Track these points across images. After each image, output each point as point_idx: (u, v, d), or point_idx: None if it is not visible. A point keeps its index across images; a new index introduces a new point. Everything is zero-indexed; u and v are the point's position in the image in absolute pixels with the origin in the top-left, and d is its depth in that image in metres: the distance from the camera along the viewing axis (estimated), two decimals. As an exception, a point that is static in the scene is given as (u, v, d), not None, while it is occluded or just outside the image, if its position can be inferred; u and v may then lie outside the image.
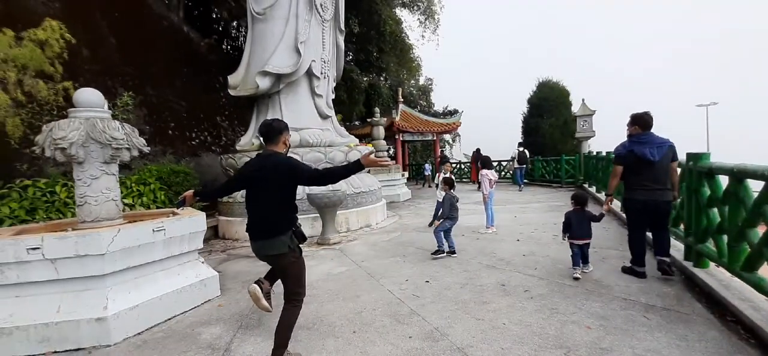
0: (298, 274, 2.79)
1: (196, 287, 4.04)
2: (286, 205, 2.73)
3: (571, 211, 4.44)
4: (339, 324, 3.34)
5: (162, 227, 3.78)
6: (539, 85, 19.54)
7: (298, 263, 2.79)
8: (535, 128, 19.05)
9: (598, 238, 5.84)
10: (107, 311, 3.25)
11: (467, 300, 3.72)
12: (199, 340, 3.22)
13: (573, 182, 14.07)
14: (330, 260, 5.55)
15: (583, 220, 4.33)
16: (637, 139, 3.98)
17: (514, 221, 7.83)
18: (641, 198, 3.94)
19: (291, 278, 2.75)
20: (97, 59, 8.86)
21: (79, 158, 3.80)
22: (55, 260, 3.24)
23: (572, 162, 14.42)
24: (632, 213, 4.15)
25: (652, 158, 3.84)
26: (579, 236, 4.28)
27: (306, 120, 8.41)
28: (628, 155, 3.97)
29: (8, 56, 4.72)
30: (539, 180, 16.22)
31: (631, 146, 3.98)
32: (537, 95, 19.43)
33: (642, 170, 3.90)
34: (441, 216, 5.46)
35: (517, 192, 13.41)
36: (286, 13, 8.08)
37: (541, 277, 4.26)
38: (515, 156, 14.73)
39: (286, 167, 2.66)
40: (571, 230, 4.31)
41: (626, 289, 3.74)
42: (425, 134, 22.56)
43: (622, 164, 4.06)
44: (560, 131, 18.27)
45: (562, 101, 18.63)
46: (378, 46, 17.91)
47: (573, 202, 4.47)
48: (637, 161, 3.90)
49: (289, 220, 2.73)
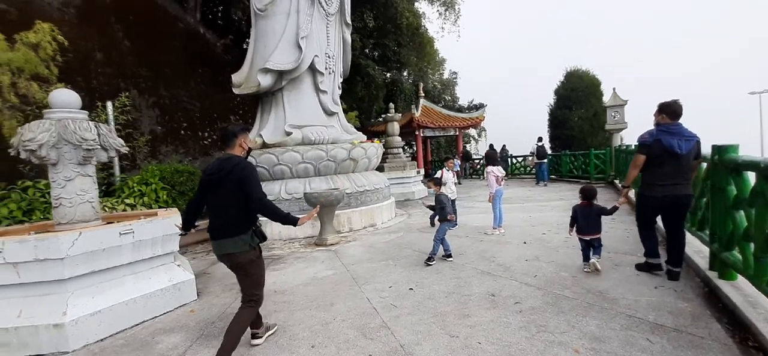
0: (257, 275, 2.82)
1: (168, 291, 3.92)
2: (244, 205, 2.70)
3: (578, 205, 4.28)
4: (301, 336, 3.09)
5: (130, 229, 3.67)
6: (567, 74, 18.40)
7: (258, 263, 2.82)
8: (562, 121, 17.98)
9: (616, 240, 5.28)
10: (66, 317, 3.16)
11: (448, 311, 3.36)
12: (154, 350, 3.07)
13: (603, 178, 13.15)
14: (320, 262, 5.32)
15: (591, 215, 4.13)
16: (665, 128, 3.63)
17: (527, 221, 7.30)
18: (659, 194, 3.62)
19: (250, 278, 2.78)
20: (111, 62, 9.10)
21: (52, 160, 3.75)
22: (16, 264, 3.18)
23: (602, 156, 13.47)
24: (648, 210, 3.85)
25: (680, 151, 3.49)
26: (586, 232, 4.14)
27: (309, 117, 8.22)
28: (655, 145, 3.60)
29: (2, 60, 4.79)
30: (567, 176, 15.31)
31: (658, 135, 3.60)
32: (565, 86, 18.30)
33: (666, 162, 3.56)
34: (439, 217, 5.08)
35: (538, 189, 12.69)
36: (287, 9, 7.92)
37: (538, 287, 3.81)
38: (534, 151, 13.95)
39: (239, 171, 2.67)
40: (578, 225, 4.18)
41: (634, 304, 3.24)
42: (447, 130, 21.95)
43: (646, 154, 3.68)
44: (590, 124, 17.14)
45: (592, 91, 17.44)
46: (396, 40, 17.50)
47: (581, 196, 4.27)
48: (663, 152, 3.55)
49: (249, 219, 2.75)
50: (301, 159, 7.41)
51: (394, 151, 13.48)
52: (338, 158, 7.73)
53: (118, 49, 9.42)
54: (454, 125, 21.64)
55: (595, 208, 4.21)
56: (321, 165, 7.58)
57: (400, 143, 13.74)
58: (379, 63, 19.62)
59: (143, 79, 9.75)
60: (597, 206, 4.23)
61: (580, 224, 4.19)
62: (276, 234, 7.14)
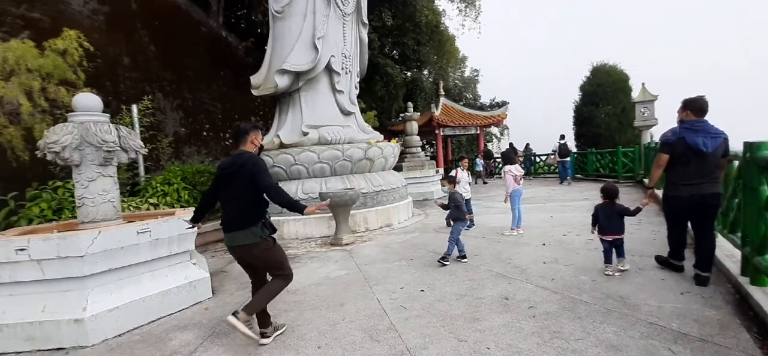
0: (277, 257, 2.98)
1: (184, 289, 4.01)
2: (254, 199, 2.86)
3: (599, 204, 4.17)
4: (308, 337, 3.09)
5: (147, 228, 3.77)
6: (593, 70, 17.71)
7: (275, 249, 2.99)
8: (588, 118, 17.33)
9: (641, 242, 5.05)
10: (86, 312, 3.28)
11: (458, 315, 3.27)
12: (167, 346, 3.14)
13: (632, 176, 12.62)
14: (334, 262, 5.32)
15: (612, 214, 4.02)
16: (689, 125, 3.49)
17: (548, 221, 7.07)
18: (685, 195, 3.45)
19: (271, 263, 2.96)
20: (137, 67, 9.45)
21: (75, 161, 3.91)
22: (40, 261, 3.33)
23: (630, 154, 12.92)
24: (674, 211, 3.71)
25: (705, 149, 3.33)
26: (608, 232, 4.02)
27: (326, 117, 8.26)
28: (678, 143, 3.48)
29: (33, 66, 5.04)
30: (593, 175, 14.78)
31: (682, 133, 3.47)
32: (590, 82, 17.63)
33: (691, 161, 3.42)
34: (453, 216, 4.99)
35: (562, 188, 12.31)
36: (303, 10, 7.98)
37: (554, 290, 3.66)
38: (556, 149, 13.53)
39: (250, 166, 2.82)
40: (599, 224, 4.09)
41: (657, 310, 3.06)
42: (468, 128, 21.64)
43: (669, 153, 3.55)
44: (618, 120, 16.45)
45: (619, 87, 16.71)
46: (414, 39, 17.39)
47: (602, 195, 4.16)
48: (687, 151, 3.41)
49: (259, 211, 2.89)
50: (317, 159, 7.45)
51: (413, 150, 13.38)
52: (354, 157, 7.73)
53: (144, 54, 9.78)
54: (475, 123, 21.30)
55: (617, 207, 4.08)
56: (337, 165, 7.60)
57: (419, 142, 13.63)
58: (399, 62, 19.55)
59: (168, 82, 10.08)
60: (619, 206, 4.10)
61: (601, 224, 4.07)
62: (292, 233, 7.22)
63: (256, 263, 3.01)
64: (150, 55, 9.92)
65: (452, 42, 21.75)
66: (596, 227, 4.16)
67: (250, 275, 3.19)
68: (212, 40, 12.47)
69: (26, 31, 7.16)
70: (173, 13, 11.22)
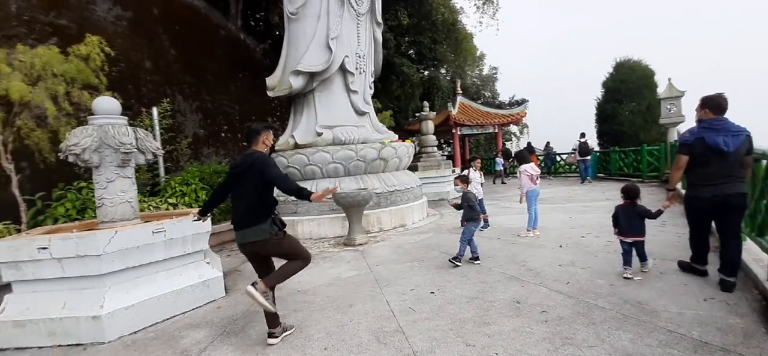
0: (291, 245, 3.05)
1: (197, 288, 4.09)
2: (264, 196, 2.94)
3: (620, 205, 4.06)
4: (315, 338, 3.09)
5: (162, 228, 3.87)
6: (616, 65, 17.09)
7: (287, 239, 3.04)
8: (611, 115, 16.74)
9: (664, 245, 4.84)
10: (103, 309, 3.39)
11: (467, 318, 3.21)
12: (179, 344, 3.21)
13: (657, 176, 12.15)
14: (346, 263, 5.32)
15: (633, 216, 3.90)
16: (708, 125, 3.35)
17: (567, 222, 6.88)
18: (708, 195, 3.32)
19: (286, 252, 3.02)
20: (158, 70, 9.73)
21: (94, 163, 4.04)
22: (61, 260, 3.46)
23: (656, 153, 12.44)
24: (695, 213, 3.58)
25: (726, 148, 3.19)
26: (628, 233, 3.90)
27: (340, 117, 8.28)
28: (697, 144, 3.35)
29: (58, 71, 5.25)
30: (616, 174, 14.30)
31: (700, 133, 3.35)
32: (613, 78, 17.03)
33: (712, 161, 3.30)
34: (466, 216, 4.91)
35: (583, 188, 11.96)
36: (317, 11, 8.03)
37: (569, 294, 3.55)
38: (576, 148, 13.15)
39: (260, 163, 2.90)
40: (619, 226, 3.98)
41: (677, 317, 2.91)
42: (486, 127, 21.35)
43: (688, 154, 3.43)
44: (643, 118, 15.83)
45: (644, 83, 16.07)
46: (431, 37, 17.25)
47: (622, 195, 4.04)
48: (707, 151, 3.29)
49: (268, 208, 2.96)
50: (331, 159, 7.48)
51: (429, 150, 13.27)
52: (368, 157, 7.72)
53: (165, 57, 10.06)
54: (494, 122, 20.97)
55: (638, 208, 3.95)
56: (351, 165, 7.62)
57: (435, 141, 13.50)
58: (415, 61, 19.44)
59: (188, 85, 10.34)
60: (640, 207, 3.96)
61: (621, 225, 3.96)
62: (306, 233, 7.27)
63: (270, 255, 3.09)
64: (171, 58, 10.20)
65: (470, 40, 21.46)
66: (616, 229, 4.07)
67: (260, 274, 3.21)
68: (231, 42, 12.71)
69: (54, 38, 7.46)
70: (193, 18, 11.50)
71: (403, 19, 14.95)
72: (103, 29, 8.69)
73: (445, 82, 24.25)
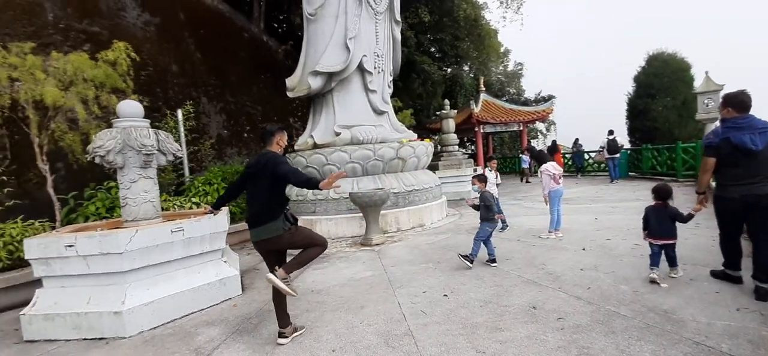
0: (304, 235, 3.13)
1: (214, 286, 4.18)
2: (276, 195, 3.02)
3: (650, 206, 3.90)
4: (324, 339, 3.09)
5: (180, 227, 3.98)
6: (649, 59, 16.24)
7: (300, 232, 3.12)
8: (643, 111, 15.95)
9: (696, 249, 4.57)
10: (124, 305, 3.52)
11: (480, 323, 3.13)
12: (194, 341, 3.28)
13: (693, 175, 11.49)
14: (361, 263, 5.32)
15: (664, 217, 3.74)
16: (732, 123, 3.24)
17: (592, 224, 6.61)
18: (736, 195, 3.22)
19: (300, 244, 3.09)
20: (184, 73, 10.05)
21: (118, 164, 4.20)
22: (86, 257, 3.62)
23: (692, 150, 11.76)
24: (725, 215, 3.43)
25: (754, 147, 3.06)
26: (659, 236, 3.74)
27: (358, 117, 8.29)
28: (723, 145, 3.24)
29: (88, 77, 5.50)
30: (649, 173, 13.63)
31: (725, 133, 3.24)
32: (646, 72, 16.20)
33: (740, 161, 3.18)
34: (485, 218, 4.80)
35: (611, 188, 11.48)
36: (335, 11, 8.06)
37: (588, 301, 3.39)
38: (605, 146, 12.62)
39: (272, 162, 2.98)
40: (650, 227, 3.83)
41: (706, 328, 2.72)
42: (510, 125, 20.87)
43: (715, 156, 3.33)
44: (677, 113, 14.99)
45: (679, 77, 15.19)
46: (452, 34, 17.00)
47: (653, 196, 3.89)
48: (734, 151, 3.16)
49: (280, 206, 3.04)
50: (349, 159, 7.50)
51: (449, 149, 13.10)
52: (386, 157, 7.69)
53: (191, 61, 10.38)
54: (518, 119, 20.47)
55: (669, 209, 3.75)
56: (368, 165, 7.61)
57: (455, 140, 13.31)
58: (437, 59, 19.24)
59: (212, 87, 10.63)
60: (672, 208, 3.78)
61: (652, 227, 3.81)
62: (324, 232, 7.31)
63: (285, 249, 3.18)
64: (196, 61, 10.52)
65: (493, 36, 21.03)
66: (646, 232, 3.90)
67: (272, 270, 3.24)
68: (254, 45, 12.98)
69: (87, 45, 7.85)
70: (218, 21, 11.81)
71: (424, 16, 14.81)
72: (132, 35, 9.07)
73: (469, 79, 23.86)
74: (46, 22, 7.75)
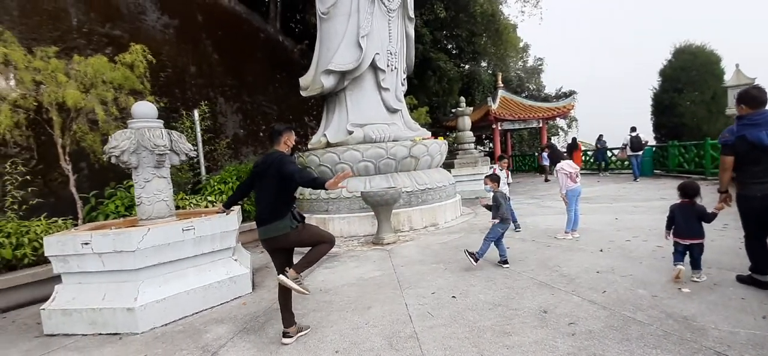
0: (312, 234, 3.15)
1: (225, 284, 4.24)
2: (282, 194, 3.03)
3: (676, 204, 3.77)
4: (329, 339, 3.07)
5: (191, 226, 4.04)
6: (676, 52, 15.52)
7: (307, 229, 3.15)
8: (669, 106, 15.28)
9: (722, 252, 4.35)
10: (136, 302, 3.60)
11: (487, 326, 3.04)
12: (202, 339, 3.33)
13: (722, 172, 10.93)
14: (371, 262, 5.29)
15: (690, 216, 3.60)
16: (747, 120, 3.17)
17: (612, 224, 6.37)
18: (758, 194, 3.13)
19: (307, 242, 3.10)
20: (202, 74, 10.26)
21: (132, 164, 4.30)
22: (101, 254, 3.72)
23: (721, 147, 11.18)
24: (749, 214, 3.32)
25: None
26: (685, 235, 3.61)
27: (372, 115, 8.25)
28: (739, 143, 3.17)
29: (107, 79, 5.66)
30: (676, 170, 13.07)
31: (740, 131, 3.18)
32: (672, 65, 15.50)
33: (759, 159, 3.10)
34: (495, 217, 4.70)
35: (634, 186, 11.06)
36: (348, 9, 8.04)
37: (603, 305, 3.26)
38: (627, 143, 12.17)
39: (278, 162, 3.00)
40: (675, 227, 3.70)
41: (728, 336, 2.56)
42: (529, 122, 20.48)
43: (732, 154, 3.22)
44: (706, 108, 14.30)
45: (708, 70, 14.46)
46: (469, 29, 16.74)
47: (680, 193, 3.75)
48: (752, 149, 3.07)
49: (287, 205, 3.05)
50: (361, 157, 7.48)
51: (465, 147, 12.94)
52: (398, 155, 7.63)
53: (208, 62, 10.58)
54: (537, 116, 20.08)
55: (697, 208, 3.61)
56: (381, 163, 7.57)
57: (471, 138, 13.13)
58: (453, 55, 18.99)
59: (229, 87, 10.81)
60: (699, 206, 3.65)
61: (678, 226, 3.67)
62: (337, 231, 7.33)
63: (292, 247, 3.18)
64: (213, 62, 10.71)
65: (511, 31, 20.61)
66: (671, 230, 3.75)
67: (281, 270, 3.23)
68: (270, 45, 13.13)
69: (109, 48, 8.09)
70: (234, 22, 11.99)
71: (440, 12, 14.62)
72: (152, 37, 9.31)
73: (487, 75, 23.49)
74: (71, 26, 8.02)
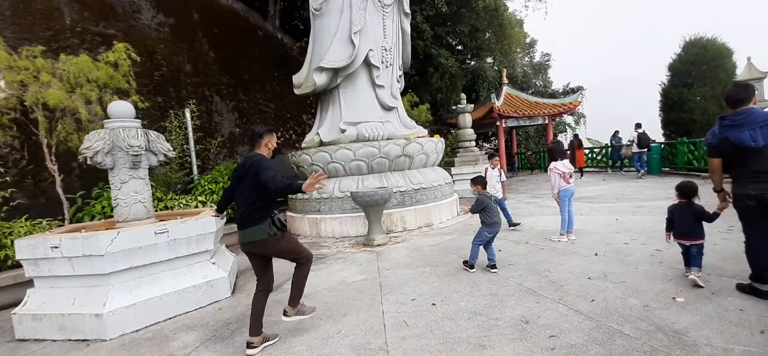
0: (290, 246, 3.09)
1: (201, 288, 4.11)
2: (262, 198, 2.94)
3: (674, 204, 3.75)
4: (295, 351, 2.93)
5: (164, 229, 3.92)
6: (686, 45, 14.99)
7: (285, 239, 3.08)
8: (678, 102, 14.78)
9: (723, 257, 4.10)
10: (105, 308, 3.50)
11: (462, 338, 2.86)
12: (168, 347, 3.21)
13: (733, 170, 10.53)
14: (357, 265, 5.14)
15: (688, 216, 3.56)
16: (730, 121, 3.07)
17: (610, 226, 6.12)
18: (752, 192, 3.00)
19: (285, 252, 3.07)
20: (197, 72, 10.18)
21: (107, 165, 4.21)
22: (70, 258, 3.62)
23: (732, 144, 10.77)
24: (744, 213, 3.19)
25: (754, 144, 2.89)
26: (684, 236, 3.58)
27: (365, 113, 8.08)
28: (723, 144, 3.08)
29: (92, 78, 5.58)
30: (684, 168, 12.65)
31: (723, 132, 3.09)
32: (682, 59, 14.98)
33: (746, 159, 2.99)
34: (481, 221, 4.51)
35: (640, 185, 10.73)
36: (340, 5, 7.87)
37: (589, 315, 3.05)
38: (633, 139, 11.81)
39: (256, 166, 2.93)
40: (675, 228, 3.67)
41: (722, 353, 2.35)
42: (535, 119, 20.06)
43: (718, 157, 3.19)
44: (717, 103, 13.76)
45: (719, 64, 13.93)
46: (471, 25, 16.42)
47: (678, 194, 3.73)
48: (736, 150, 3.00)
49: (266, 209, 2.98)
50: (353, 156, 7.32)
51: (466, 145, 12.70)
52: (392, 154, 7.45)
53: (204, 60, 10.50)
54: (543, 112, 19.63)
55: (694, 208, 3.56)
56: (374, 162, 7.40)
57: (472, 135, 12.88)
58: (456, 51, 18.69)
59: (225, 86, 10.73)
60: (697, 206, 3.57)
61: (676, 227, 3.65)
62: (329, 232, 7.20)
63: (269, 255, 3.08)
64: (209, 60, 10.63)
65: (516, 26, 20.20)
66: (671, 233, 3.72)
67: (258, 276, 3.12)
68: (268, 42, 13.02)
69: (102, 47, 8.02)
70: (232, 20, 11.90)
71: (442, 6, 14.35)
72: (147, 36, 9.26)
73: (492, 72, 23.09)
74: (64, 26, 7.99)
